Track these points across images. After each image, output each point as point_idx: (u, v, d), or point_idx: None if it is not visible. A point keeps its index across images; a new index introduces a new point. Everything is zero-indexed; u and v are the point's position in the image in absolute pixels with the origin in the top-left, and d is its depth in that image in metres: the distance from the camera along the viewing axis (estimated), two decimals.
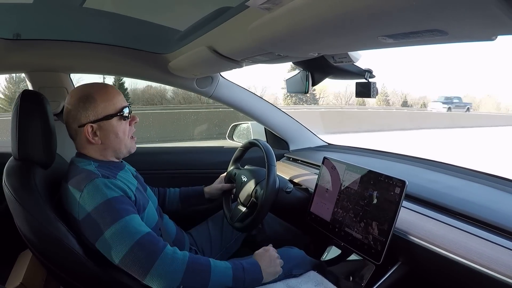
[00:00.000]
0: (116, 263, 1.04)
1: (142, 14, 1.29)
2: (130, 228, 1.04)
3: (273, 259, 1.24)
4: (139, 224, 1.06)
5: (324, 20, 0.74)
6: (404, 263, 1.17)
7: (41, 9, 1.25)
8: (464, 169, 1.57)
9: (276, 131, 2.28)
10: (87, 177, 1.09)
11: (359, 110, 21.45)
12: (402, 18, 0.63)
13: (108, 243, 1.03)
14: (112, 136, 1.19)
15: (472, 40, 0.72)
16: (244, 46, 1.17)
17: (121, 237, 1.02)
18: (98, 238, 1.03)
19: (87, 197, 1.05)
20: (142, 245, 1.03)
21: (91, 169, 1.13)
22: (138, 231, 1.04)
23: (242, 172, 1.65)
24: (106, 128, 1.18)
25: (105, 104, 1.17)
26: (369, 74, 1.44)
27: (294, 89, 1.68)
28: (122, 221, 1.03)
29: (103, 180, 1.08)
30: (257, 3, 0.82)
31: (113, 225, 1.02)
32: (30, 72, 1.76)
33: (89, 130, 1.16)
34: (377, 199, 1.22)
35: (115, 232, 1.02)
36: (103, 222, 1.03)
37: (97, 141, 1.17)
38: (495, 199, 1.27)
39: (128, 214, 1.06)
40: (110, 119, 1.18)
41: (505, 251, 0.94)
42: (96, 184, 1.07)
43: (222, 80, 2.04)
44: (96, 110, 1.16)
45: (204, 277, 1.07)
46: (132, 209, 1.09)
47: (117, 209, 1.05)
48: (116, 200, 1.06)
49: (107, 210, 1.04)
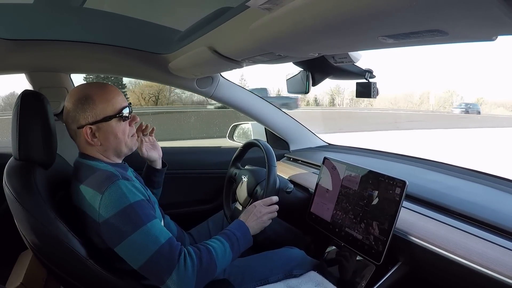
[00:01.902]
0: (135, 268, 1.04)
1: (143, 14, 1.29)
2: (152, 236, 1.03)
3: (260, 215, 1.30)
4: (160, 231, 1.06)
5: (324, 20, 0.74)
6: (404, 264, 1.17)
7: (42, 10, 1.25)
8: (465, 169, 1.57)
9: (276, 131, 2.28)
10: (108, 178, 1.07)
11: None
12: (403, 18, 0.63)
13: (129, 249, 1.03)
14: (112, 137, 1.18)
15: (472, 40, 0.72)
16: (245, 46, 1.17)
17: (142, 244, 1.02)
18: (119, 243, 1.03)
19: (109, 201, 1.03)
20: (162, 253, 1.03)
21: (111, 170, 1.13)
22: (159, 240, 1.04)
23: (242, 172, 1.65)
24: (105, 129, 1.17)
25: (103, 105, 1.16)
26: (369, 74, 1.44)
27: (295, 89, 1.68)
28: (145, 228, 1.03)
29: (125, 182, 1.08)
30: (257, 4, 0.82)
31: (136, 232, 1.02)
32: (30, 72, 1.76)
33: (88, 131, 1.14)
34: (378, 199, 1.22)
35: (137, 240, 1.02)
36: (125, 228, 1.02)
37: (96, 143, 1.17)
38: (495, 199, 1.27)
39: (149, 220, 1.05)
40: (109, 121, 1.16)
41: (505, 251, 0.94)
42: (119, 186, 1.06)
43: (222, 80, 2.04)
44: (94, 112, 1.14)
45: (212, 271, 1.10)
46: (153, 213, 1.09)
47: (140, 215, 1.04)
48: (138, 205, 1.06)
49: (130, 216, 1.03)
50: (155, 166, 1.56)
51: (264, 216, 1.29)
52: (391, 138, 12.00)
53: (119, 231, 1.02)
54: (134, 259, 1.03)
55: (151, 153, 1.51)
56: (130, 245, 1.02)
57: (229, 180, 1.74)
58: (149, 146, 1.51)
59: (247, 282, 1.32)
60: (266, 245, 1.52)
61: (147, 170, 1.58)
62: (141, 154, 1.49)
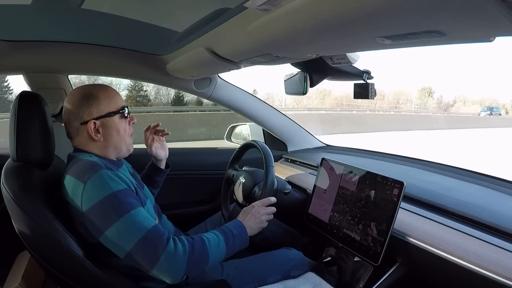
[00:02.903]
0: (121, 257, 1.04)
1: (140, 15, 1.29)
2: (136, 223, 1.03)
3: (258, 216, 1.29)
4: (144, 218, 1.06)
5: (322, 22, 0.74)
6: (402, 265, 1.17)
7: (39, 11, 1.25)
8: (462, 170, 1.57)
9: (274, 132, 2.28)
10: (90, 168, 1.08)
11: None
12: (400, 19, 0.64)
13: (114, 238, 1.02)
14: (114, 133, 1.21)
15: (470, 41, 0.72)
16: (243, 47, 1.17)
17: (127, 232, 1.02)
18: (103, 232, 1.03)
19: (92, 189, 1.04)
20: (148, 239, 1.02)
21: (94, 160, 1.14)
22: (144, 226, 1.03)
23: (240, 173, 1.65)
24: (109, 125, 1.20)
25: (107, 102, 1.20)
26: (367, 75, 1.44)
27: (292, 90, 1.69)
28: (128, 216, 1.03)
29: (107, 172, 1.08)
30: (255, 5, 0.82)
31: (119, 220, 1.02)
32: (28, 74, 1.76)
33: (92, 126, 1.17)
34: (375, 200, 1.22)
35: (120, 227, 1.02)
36: (109, 217, 1.02)
37: (99, 138, 1.18)
38: (493, 200, 1.27)
39: (133, 208, 1.05)
40: (113, 116, 1.20)
41: (503, 252, 0.94)
42: (101, 175, 1.06)
43: (220, 81, 2.04)
44: (99, 108, 1.18)
45: (204, 262, 1.09)
46: (137, 202, 1.09)
47: (122, 203, 1.04)
48: (121, 193, 1.06)
49: (113, 204, 1.03)
50: (159, 165, 1.62)
51: (262, 217, 1.29)
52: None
53: (102, 219, 1.02)
54: (119, 247, 1.02)
55: (159, 152, 1.58)
56: (114, 233, 1.02)
57: (227, 181, 1.74)
58: (158, 145, 1.58)
59: (245, 283, 1.32)
60: (264, 246, 1.52)
61: (151, 169, 1.62)
62: (149, 151, 1.57)
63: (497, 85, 71.71)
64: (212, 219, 1.75)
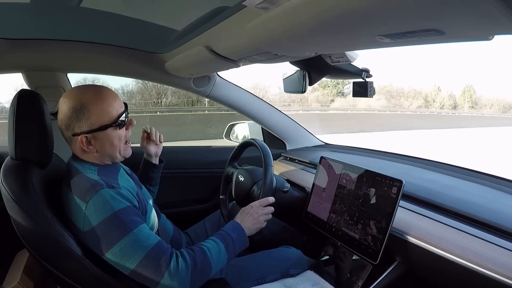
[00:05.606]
0: (127, 274, 1.04)
1: (139, 13, 1.29)
2: (139, 241, 1.03)
3: (256, 216, 1.29)
4: (147, 236, 1.05)
5: (321, 20, 0.74)
6: (401, 263, 1.18)
7: (38, 9, 1.24)
8: (461, 168, 1.57)
9: (273, 130, 2.28)
10: (92, 187, 1.06)
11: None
12: (399, 18, 0.64)
13: (118, 257, 1.02)
14: (107, 145, 1.16)
15: (469, 40, 0.72)
16: (241, 45, 1.17)
17: (130, 251, 1.02)
18: (107, 251, 1.02)
19: (93, 210, 1.03)
20: (151, 257, 1.02)
21: (95, 178, 1.11)
22: (147, 245, 1.03)
23: (239, 172, 1.65)
24: (101, 138, 1.15)
25: (99, 114, 1.12)
26: (366, 74, 1.44)
27: (291, 88, 1.68)
28: (131, 235, 1.02)
29: (109, 191, 1.06)
30: (254, 3, 0.82)
31: (122, 239, 1.01)
32: (27, 72, 1.76)
33: (83, 140, 1.12)
34: (374, 199, 1.22)
35: (124, 247, 1.02)
36: (112, 236, 1.02)
37: (91, 150, 1.15)
38: (492, 198, 1.27)
39: (136, 226, 1.05)
40: (105, 130, 1.14)
41: (501, 250, 0.94)
42: (102, 195, 1.05)
43: (219, 80, 2.04)
44: (90, 121, 1.11)
45: (206, 272, 1.10)
46: (140, 219, 1.08)
47: (125, 222, 1.03)
48: (123, 212, 1.05)
49: (115, 224, 1.02)
50: (151, 160, 1.59)
51: (260, 217, 1.29)
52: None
53: (105, 239, 1.02)
54: (124, 266, 1.03)
55: (149, 147, 1.57)
56: (118, 253, 1.02)
57: (226, 179, 1.74)
58: (151, 143, 1.57)
59: (244, 281, 1.32)
60: (262, 245, 1.53)
61: (144, 165, 1.60)
62: (141, 144, 1.56)
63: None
64: (211, 218, 1.75)
